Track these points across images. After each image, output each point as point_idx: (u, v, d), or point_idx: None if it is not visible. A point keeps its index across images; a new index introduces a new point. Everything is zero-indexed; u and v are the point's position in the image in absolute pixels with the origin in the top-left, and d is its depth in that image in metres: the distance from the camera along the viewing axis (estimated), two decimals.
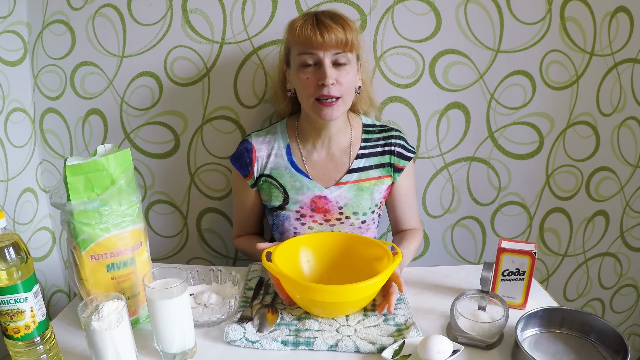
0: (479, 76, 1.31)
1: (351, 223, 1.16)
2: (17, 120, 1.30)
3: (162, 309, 0.81)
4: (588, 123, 1.37)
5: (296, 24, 1.01)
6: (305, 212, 1.14)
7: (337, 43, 0.98)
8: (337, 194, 1.14)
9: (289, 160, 1.14)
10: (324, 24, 0.98)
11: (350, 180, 1.14)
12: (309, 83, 1.02)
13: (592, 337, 0.87)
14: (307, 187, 1.13)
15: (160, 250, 1.50)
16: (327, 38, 0.97)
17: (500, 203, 1.45)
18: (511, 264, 0.97)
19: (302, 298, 0.92)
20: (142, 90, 1.33)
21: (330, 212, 1.14)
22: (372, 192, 1.15)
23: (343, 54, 1.01)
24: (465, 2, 1.24)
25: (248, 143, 1.16)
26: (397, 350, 0.83)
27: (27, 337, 0.77)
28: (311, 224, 1.15)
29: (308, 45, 0.99)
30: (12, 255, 0.74)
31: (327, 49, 0.99)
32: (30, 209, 1.37)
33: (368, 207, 1.15)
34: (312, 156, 1.15)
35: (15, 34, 1.27)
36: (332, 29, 0.98)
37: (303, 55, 1.01)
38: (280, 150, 1.15)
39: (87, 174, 0.84)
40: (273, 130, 1.18)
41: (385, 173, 1.16)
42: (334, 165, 1.15)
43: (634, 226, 1.49)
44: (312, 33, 0.97)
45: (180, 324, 0.83)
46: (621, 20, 1.26)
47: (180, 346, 0.84)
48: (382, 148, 1.16)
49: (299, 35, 0.99)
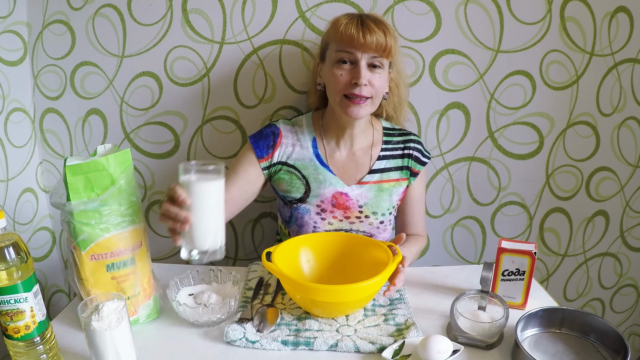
0: (479, 76, 1.31)
1: (370, 222, 1.17)
2: (17, 120, 1.30)
3: (200, 191, 0.78)
4: (588, 123, 1.37)
5: (341, 22, 1.03)
6: (326, 207, 1.15)
7: (376, 46, 1.01)
8: (358, 193, 1.15)
9: (315, 154, 1.15)
10: (368, 26, 1.01)
11: (371, 180, 1.16)
12: (342, 79, 1.04)
13: (592, 337, 0.87)
14: (330, 182, 1.14)
15: (160, 250, 1.50)
16: (368, 40, 1.00)
17: (500, 203, 1.45)
18: (511, 264, 0.97)
19: (302, 298, 0.92)
20: (142, 90, 1.33)
21: (351, 209, 1.15)
22: (391, 193, 1.17)
23: (379, 58, 1.03)
24: (465, 2, 1.24)
25: (276, 127, 1.16)
26: (397, 350, 0.83)
27: (27, 337, 0.77)
28: (331, 220, 1.16)
29: (349, 43, 1.01)
30: (12, 255, 0.73)
31: (366, 51, 1.01)
32: (30, 209, 1.37)
33: (386, 208, 1.17)
34: (334, 153, 1.17)
35: (15, 34, 1.27)
36: (374, 32, 1.00)
37: (341, 52, 1.03)
38: (306, 142, 1.16)
39: (87, 174, 0.84)
40: (299, 122, 1.19)
41: (403, 176, 1.18)
42: (355, 165, 1.17)
43: (634, 226, 1.49)
44: (356, 32, 1.00)
45: (216, 212, 0.81)
46: (621, 20, 1.26)
47: (213, 242, 0.82)
48: (401, 151, 1.18)
49: (343, 33, 1.01)
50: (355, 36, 1.00)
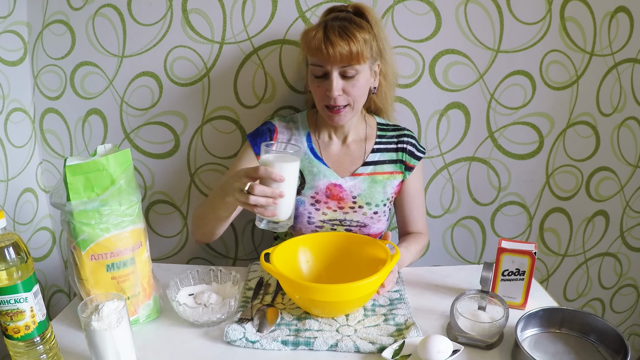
0: (479, 76, 1.31)
1: (363, 212, 1.18)
2: (17, 120, 1.30)
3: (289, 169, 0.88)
4: (588, 123, 1.37)
5: (310, 33, 1.03)
6: (320, 199, 1.17)
7: (341, 58, 1.00)
8: (351, 184, 1.17)
9: (309, 147, 1.18)
10: (330, 40, 1.00)
11: (365, 172, 1.18)
12: (319, 92, 1.07)
13: (592, 337, 0.87)
14: (324, 174, 1.16)
15: (160, 250, 1.50)
16: (331, 53, 0.99)
17: (500, 203, 1.45)
18: (511, 264, 0.97)
19: (301, 298, 0.92)
20: (142, 90, 1.33)
21: (344, 200, 1.17)
22: (384, 185, 1.18)
23: (350, 66, 1.03)
24: (465, 2, 1.24)
25: (272, 124, 1.19)
26: (397, 350, 0.83)
27: (27, 337, 0.77)
28: (325, 210, 1.17)
29: (317, 57, 1.02)
30: (12, 255, 0.74)
31: (333, 63, 1.02)
32: (30, 209, 1.37)
33: (380, 200, 1.18)
34: (329, 147, 1.19)
35: (15, 34, 1.27)
36: (337, 44, 0.99)
37: (313, 66, 1.05)
38: (300, 137, 1.19)
39: (87, 174, 0.84)
40: (294, 119, 1.22)
41: (397, 169, 1.20)
42: (349, 158, 1.19)
43: (634, 226, 1.49)
44: (318, 48, 1.00)
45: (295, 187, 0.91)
46: (621, 20, 1.26)
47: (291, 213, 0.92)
48: (395, 145, 1.20)
49: (309, 47, 1.03)
50: (323, 50, 0.99)
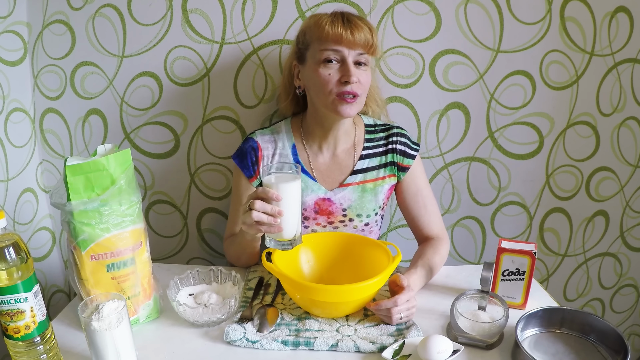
0: (479, 76, 1.31)
1: (354, 226, 1.15)
2: (17, 120, 1.30)
3: (287, 189, 0.88)
4: (588, 123, 1.37)
5: (324, 20, 1.00)
6: (308, 215, 1.14)
7: (364, 43, 1.00)
8: (340, 196, 1.13)
9: (295, 161, 1.13)
10: (355, 23, 0.99)
11: (354, 181, 1.13)
12: (331, 79, 1.00)
13: (592, 337, 0.87)
14: (312, 189, 1.12)
15: (160, 250, 1.50)
16: (357, 37, 0.98)
17: (500, 203, 1.45)
18: (511, 264, 0.97)
19: (302, 298, 0.92)
20: (142, 90, 1.33)
21: (334, 214, 1.14)
22: (376, 193, 1.14)
23: (365, 55, 1.02)
24: (465, 2, 1.24)
25: (254, 141, 1.13)
26: (397, 350, 0.83)
27: (27, 337, 0.77)
28: (314, 227, 1.15)
29: (337, 42, 0.99)
30: (12, 255, 0.74)
31: (354, 48, 1.00)
32: (30, 209, 1.37)
33: (372, 209, 1.15)
34: (317, 158, 1.14)
35: (15, 34, 1.27)
36: (362, 28, 0.99)
37: (327, 51, 1.00)
38: (285, 149, 1.13)
39: (87, 174, 0.84)
40: (277, 129, 1.16)
41: (389, 172, 1.15)
42: (338, 167, 1.14)
43: (634, 226, 1.49)
44: (344, 30, 0.98)
45: (299, 206, 0.92)
46: (621, 20, 1.26)
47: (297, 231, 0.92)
48: (384, 147, 1.15)
49: (329, 32, 0.99)
50: (343, 34, 0.98)
